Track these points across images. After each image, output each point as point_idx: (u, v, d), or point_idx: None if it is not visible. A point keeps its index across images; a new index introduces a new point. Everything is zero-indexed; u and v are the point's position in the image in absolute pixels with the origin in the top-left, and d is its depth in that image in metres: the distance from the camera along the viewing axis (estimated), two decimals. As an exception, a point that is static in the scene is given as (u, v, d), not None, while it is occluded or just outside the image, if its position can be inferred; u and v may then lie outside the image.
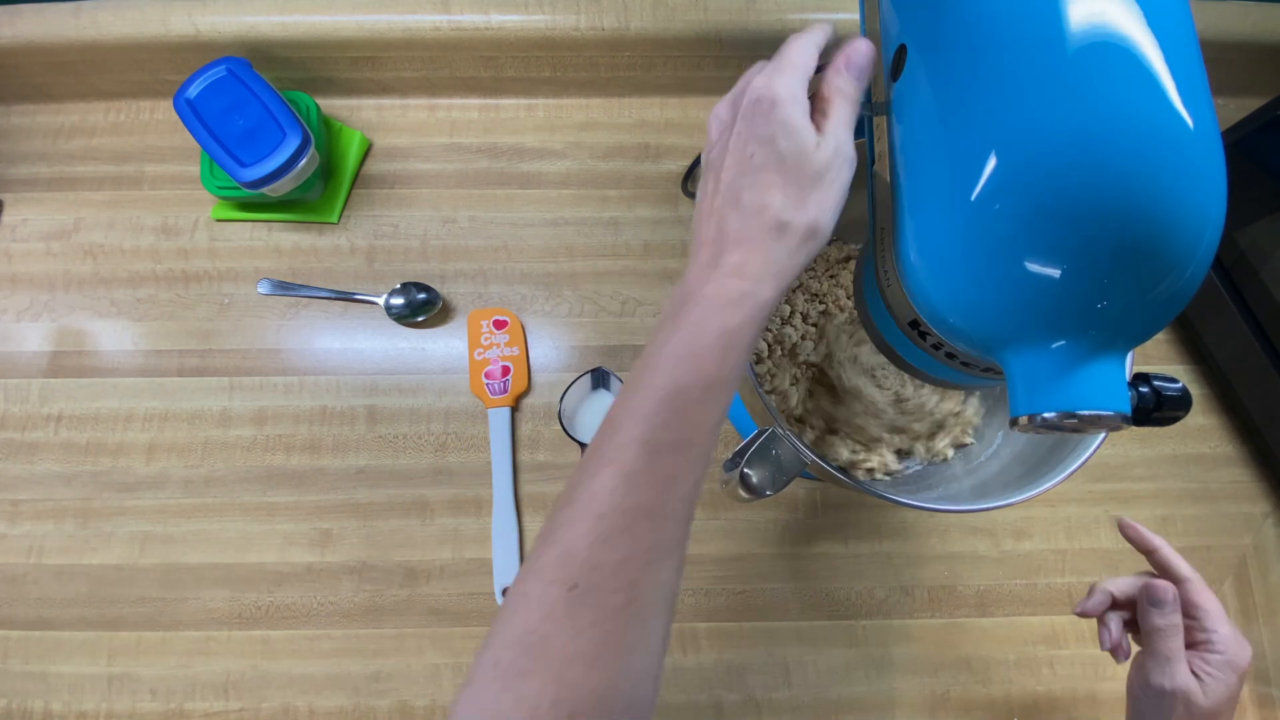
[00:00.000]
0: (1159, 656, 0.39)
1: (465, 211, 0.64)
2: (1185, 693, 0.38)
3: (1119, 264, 0.23)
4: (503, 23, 0.59)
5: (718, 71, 0.64)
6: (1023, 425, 0.26)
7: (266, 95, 0.57)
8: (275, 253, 0.62)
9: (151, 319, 0.61)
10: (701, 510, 0.57)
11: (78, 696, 0.53)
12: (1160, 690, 0.38)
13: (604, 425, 0.30)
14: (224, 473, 0.57)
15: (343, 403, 0.59)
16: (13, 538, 0.56)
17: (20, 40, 0.59)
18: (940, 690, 0.55)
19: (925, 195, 0.27)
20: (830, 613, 0.56)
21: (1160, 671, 0.38)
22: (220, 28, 0.59)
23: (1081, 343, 0.24)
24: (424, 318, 0.60)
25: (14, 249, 0.62)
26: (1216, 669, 0.38)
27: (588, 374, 0.54)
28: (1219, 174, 0.23)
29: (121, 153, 0.65)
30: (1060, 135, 0.23)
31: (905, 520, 0.58)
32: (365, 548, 0.56)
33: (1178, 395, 0.25)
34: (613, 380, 0.55)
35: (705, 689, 0.54)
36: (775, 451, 0.40)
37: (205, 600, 0.55)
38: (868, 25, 0.36)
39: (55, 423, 0.58)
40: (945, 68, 0.27)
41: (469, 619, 0.55)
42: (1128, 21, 0.23)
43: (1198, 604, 0.39)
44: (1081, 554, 0.58)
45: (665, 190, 0.65)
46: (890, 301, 0.31)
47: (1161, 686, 0.38)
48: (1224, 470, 0.60)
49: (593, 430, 0.54)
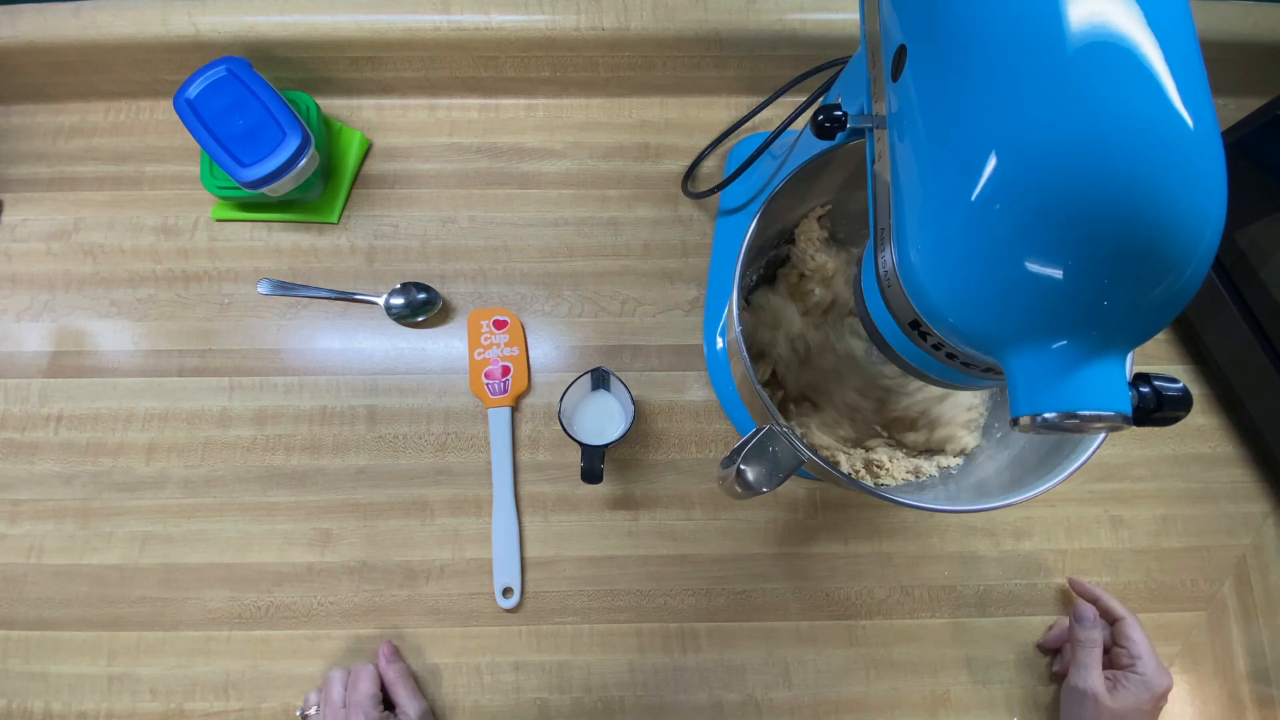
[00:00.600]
0: (1079, 663, 0.50)
1: (465, 211, 0.64)
2: (1094, 693, 0.48)
3: (1119, 264, 0.23)
4: (503, 23, 0.59)
5: (718, 71, 0.64)
6: (1023, 425, 0.26)
7: (266, 95, 0.57)
8: (275, 253, 0.62)
9: (151, 319, 0.61)
10: (701, 510, 0.57)
11: (78, 696, 0.53)
12: (1075, 689, 0.49)
13: None
14: (224, 473, 0.57)
15: (343, 403, 0.59)
16: (13, 538, 0.56)
17: (20, 40, 0.59)
18: (940, 690, 0.55)
19: (925, 195, 0.27)
20: (830, 613, 0.56)
21: (1077, 674, 0.49)
22: (220, 28, 0.59)
23: (1082, 343, 0.24)
24: (424, 318, 0.60)
25: (14, 249, 0.62)
26: (1132, 685, 0.48)
27: (587, 374, 0.54)
28: (1219, 175, 0.23)
29: (121, 153, 0.65)
30: (1060, 135, 0.23)
31: (905, 520, 0.58)
32: (365, 548, 0.56)
33: (1178, 395, 0.25)
34: (612, 380, 0.55)
35: (705, 689, 0.54)
36: (773, 449, 0.40)
37: (205, 600, 0.55)
38: (868, 25, 0.36)
39: (55, 423, 0.58)
40: (945, 68, 0.27)
41: (469, 619, 0.55)
42: (1128, 22, 0.23)
43: (1129, 636, 0.50)
44: (1081, 554, 0.58)
45: (665, 190, 0.65)
46: (890, 302, 0.31)
47: (1076, 686, 0.49)
48: (1224, 470, 0.60)
49: (592, 430, 0.54)
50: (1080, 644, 0.50)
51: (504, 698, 0.54)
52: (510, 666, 0.54)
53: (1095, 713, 0.48)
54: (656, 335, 0.61)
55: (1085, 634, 0.50)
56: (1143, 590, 0.58)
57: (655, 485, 0.58)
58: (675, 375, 0.60)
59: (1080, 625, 0.51)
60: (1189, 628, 0.57)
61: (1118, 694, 0.48)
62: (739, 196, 0.62)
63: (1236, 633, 0.57)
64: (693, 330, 0.61)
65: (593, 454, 0.52)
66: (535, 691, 0.54)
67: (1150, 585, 0.58)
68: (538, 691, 0.54)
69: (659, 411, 0.59)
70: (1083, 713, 0.48)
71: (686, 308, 0.62)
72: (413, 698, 0.51)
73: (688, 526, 0.57)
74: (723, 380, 0.58)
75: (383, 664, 0.52)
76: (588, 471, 0.52)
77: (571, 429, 0.53)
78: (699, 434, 0.59)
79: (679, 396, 0.60)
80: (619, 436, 0.52)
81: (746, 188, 0.61)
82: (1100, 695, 0.48)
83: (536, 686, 0.54)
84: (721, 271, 0.61)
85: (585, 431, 0.54)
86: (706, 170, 0.66)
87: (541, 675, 0.54)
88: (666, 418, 0.59)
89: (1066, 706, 0.50)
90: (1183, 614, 0.57)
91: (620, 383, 0.54)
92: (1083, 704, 0.48)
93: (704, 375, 0.60)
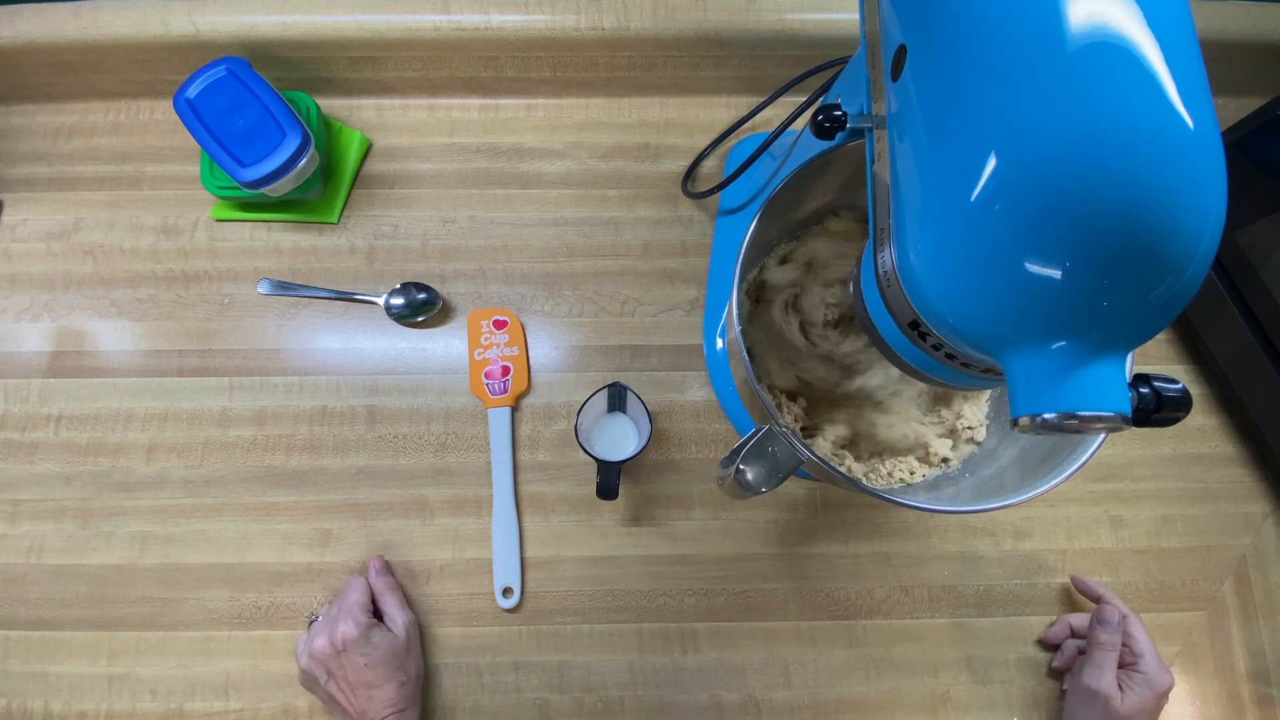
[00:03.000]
0: (1094, 663, 0.50)
1: (465, 211, 0.64)
2: (1106, 695, 0.48)
3: (1119, 265, 0.23)
4: (503, 23, 0.59)
5: (718, 71, 0.64)
6: (1023, 426, 0.26)
7: (266, 95, 0.57)
8: (275, 253, 0.62)
9: (151, 319, 0.61)
10: (701, 510, 0.57)
11: (78, 696, 0.53)
12: (1088, 689, 0.49)
13: None
14: (224, 473, 0.57)
15: (343, 403, 0.59)
16: (13, 538, 0.56)
17: (20, 40, 0.59)
18: (940, 690, 0.55)
19: (925, 196, 0.27)
20: (830, 613, 0.56)
21: (1092, 675, 0.49)
22: (220, 28, 0.59)
23: (1082, 344, 0.24)
24: (424, 318, 0.60)
25: (14, 249, 0.62)
26: (1137, 685, 0.48)
27: (603, 389, 0.53)
28: (1219, 175, 0.23)
29: (121, 153, 0.65)
30: (1060, 136, 0.23)
31: (905, 520, 0.58)
32: (365, 548, 0.56)
33: (1178, 396, 0.25)
34: (629, 396, 0.53)
35: (705, 689, 0.54)
36: (772, 449, 0.40)
37: (205, 600, 0.55)
38: (868, 25, 0.36)
39: (55, 423, 0.58)
40: (945, 68, 0.27)
41: (469, 619, 0.55)
42: (1128, 22, 0.23)
43: (1132, 635, 0.51)
44: (1081, 554, 0.58)
45: (665, 190, 0.65)
46: (890, 302, 0.31)
47: (1089, 686, 0.49)
48: (1224, 470, 0.60)
49: (607, 446, 0.54)
50: (1100, 645, 0.50)
51: (504, 698, 0.54)
52: (510, 666, 0.54)
53: (1104, 714, 0.48)
54: (656, 335, 0.61)
55: (1107, 637, 0.50)
56: (1143, 590, 0.58)
57: (655, 485, 0.58)
58: (675, 375, 0.60)
59: (1104, 628, 0.50)
60: (1189, 628, 0.57)
61: (1126, 695, 0.48)
62: (739, 196, 0.62)
63: (1236, 633, 0.57)
64: (693, 330, 0.61)
65: (609, 470, 0.51)
66: (535, 691, 0.54)
67: (1150, 585, 0.58)
68: (538, 691, 0.54)
69: (659, 411, 0.59)
70: (1091, 713, 0.49)
71: (686, 308, 0.62)
72: (400, 608, 0.52)
73: (688, 526, 0.57)
74: (723, 380, 0.58)
75: (373, 576, 0.53)
76: (604, 487, 0.51)
77: (587, 445, 0.52)
78: (699, 434, 0.59)
79: (679, 396, 0.60)
80: (636, 452, 0.52)
81: (746, 188, 0.61)
82: (1112, 697, 0.48)
83: (536, 686, 0.54)
84: (721, 271, 0.61)
85: (600, 447, 0.54)
86: (706, 170, 0.66)
87: (541, 675, 0.54)
88: (666, 418, 0.59)
89: (1074, 705, 0.50)
90: (1183, 614, 0.57)
91: (636, 397, 0.53)
92: (1093, 704, 0.49)
93: (704, 375, 0.60)
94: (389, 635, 0.50)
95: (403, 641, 0.50)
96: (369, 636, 0.48)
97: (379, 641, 0.49)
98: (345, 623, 0.49)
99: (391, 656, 0.49)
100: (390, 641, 0.49)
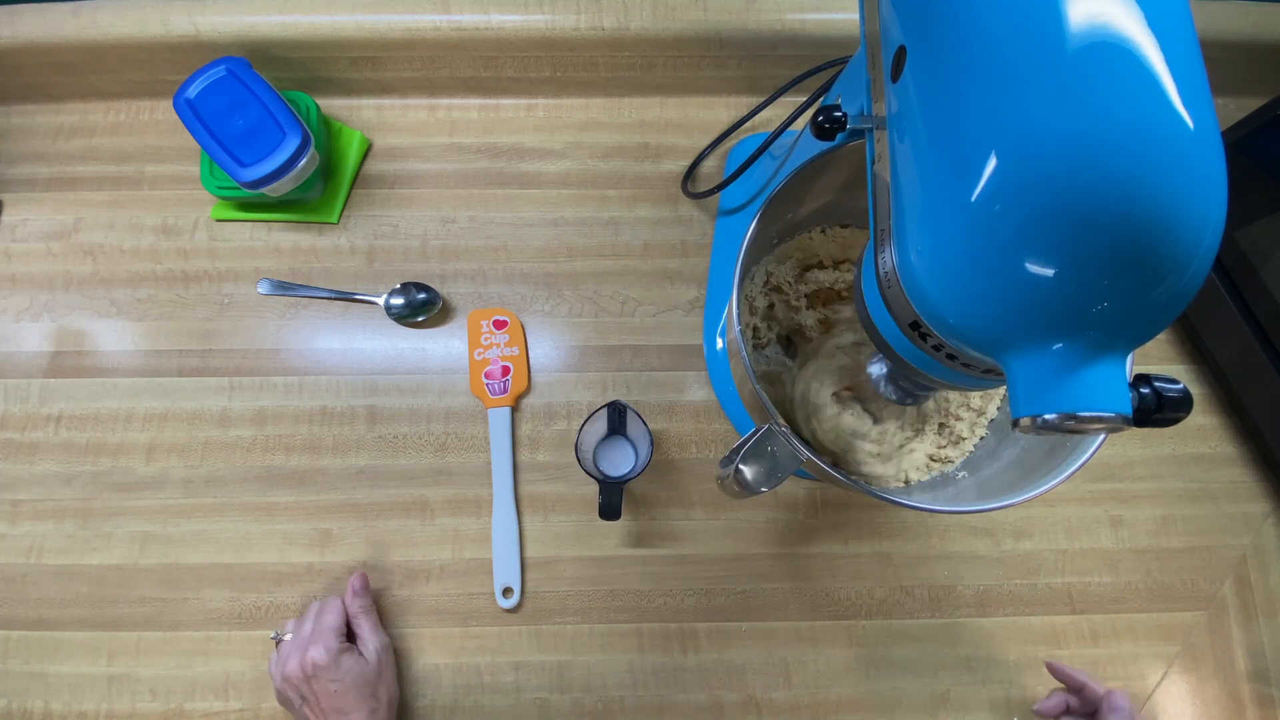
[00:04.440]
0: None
1: (465, 211, 0.64)
2: None
3: (1119, 266, 0.23)
4: (503, 23, 0.59)
5: (718, 71, 0.64)
6: (1024, 426, 0.26)
7: (266, 95, 0.57)
8: (275, 253, 0.62)
9: (151, 319, 0.61)
10: (701, 510, 0.57)
11: (78, 696, 0.53)
12: None
13: None
14: (224, 473, 0.57)
15: (343, 403, 0.59)
16: (13, 538, 0.56)
17: (20, 40, 0.59)
18: (940, 690, 0.55)
19: (925, 196, 0.27)
20: (830, 613, 0.56)
21: None
22: (220, 28, 0.59)
23: (1082, 344, 0.24)
24: (424, 318, 0.60)
25: (14, 249, 0.62)
26: None
27: (603, 409, 0.52)
28: (1219, 175, 0.23)
29: (121, 153, 0.65)
30: (1060, 136, 0.23)
31: (905, 520, 0.58)
32: (365, 548, 0.56)
33: (1178, 396, 0.25)
34: (629, 414, 0.53)
35: (705, 689, 0.54)
36: (772, 449, 0.40)
37: (205, 600, 0.55)
38: (868, 25, 0.36)
39: (55, 423, 0.58)
40: (945, 68, 0.27)
41: (469, 619, 0.55)
42: (1127, 22, 0.23)
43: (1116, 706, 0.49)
44: (1081, 554, 0.58)
45: (665, 190, 0.65)
46: (891, 303, 0.31)
47: None
48: (1224, 470, 0.60)
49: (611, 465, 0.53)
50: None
51: (504, 698, 0.54)
52: (510, 666, 0.54)
53: None
54: (656, 335, 0.61)
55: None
56: (1143, 590, 0.58)
57: (655, 485, 0.58)
58: (675, 375, 0.60)
59: (1116, 715, 0.48)
60: (1189, 628, 0.57)
61: None
62: (739, 196, 0.62)
63: (1236, 633, 0.57)
64: (693, 330, 0.61)
65: (611, 490, 0.51)
66: (535, 691, 0.54)
67: (1150, 585, 0.58)
68: (538, 691, 0.54)
69: (659, 411, 0.59)
70: None
71: (686, 308, 0.62)
72: (374, 631, 0.52)
73: (688, 526, 0.57)
74: (722, 380, 0.58)
75: (349, 597, 0.53)
76: (606, 507, 0.51)
77: (589, 465, 0.51)
78: (699, 434, 0.59)
79: (679, 396, 0.60)
80: (639, 471, 0.51)
81: (746, 188, 0.61)
82: None
83: (536, 686, 0.54)
84: (721, 271, 0.61)
85: (602, 465, 0.54)
86: (706, 170, 0.66)
87: (541, 675, 0.54)
88: (666, 418, 0.59)
89: None
90: (1183, 614, 0.57)
91: (639, 418, 0.52)
92: None
93: (704, 375, 0.60)
94: (360, 661, 0.49)
95: (374, 667, 0.50)
96: (339, 662, 0.48)
97: (349, 667, 0.48)
98: (316, 647, 0.48)
99: (362, 683, 0.48)
100: (361, 668, 0.49)
